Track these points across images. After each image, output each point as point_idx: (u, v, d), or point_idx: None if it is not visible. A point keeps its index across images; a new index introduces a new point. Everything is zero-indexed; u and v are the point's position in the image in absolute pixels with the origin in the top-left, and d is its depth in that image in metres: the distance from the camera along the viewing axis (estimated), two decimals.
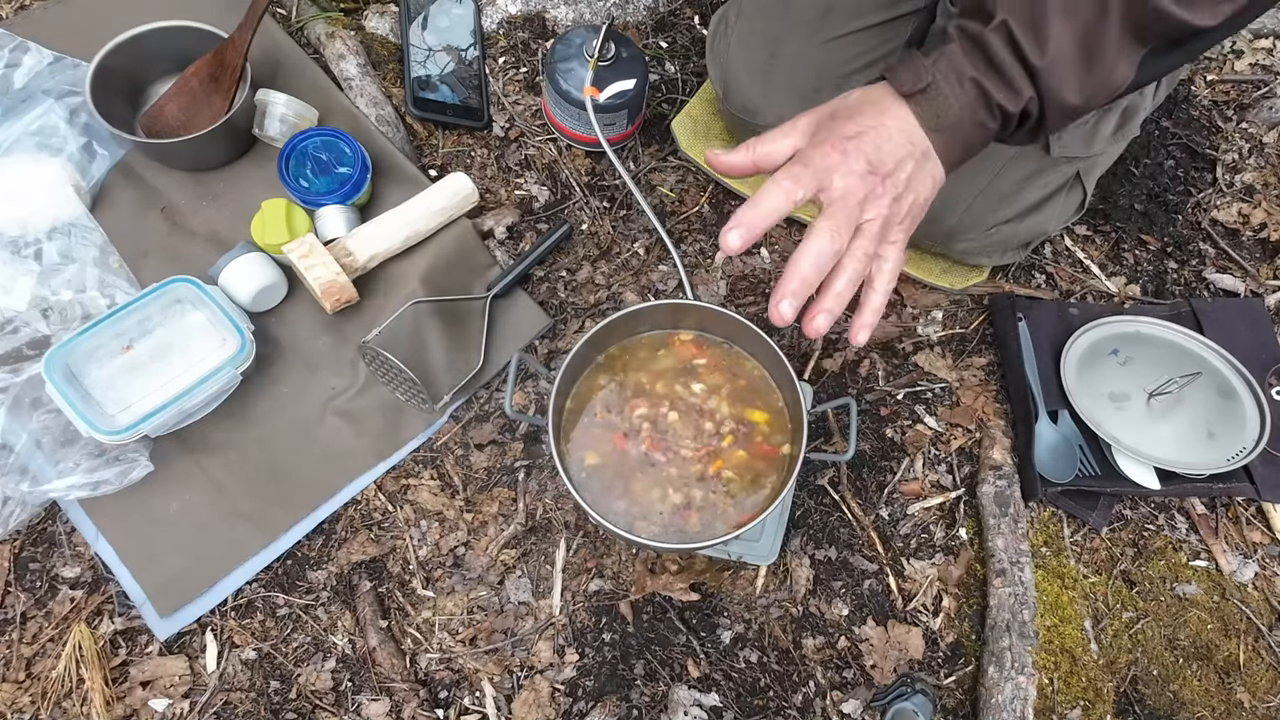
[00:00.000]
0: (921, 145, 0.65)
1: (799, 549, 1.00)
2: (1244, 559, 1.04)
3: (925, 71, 0.64)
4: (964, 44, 0.64)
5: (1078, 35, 0.62)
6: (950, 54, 0.64)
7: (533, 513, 0.99)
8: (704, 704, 0.92)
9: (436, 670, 0.93)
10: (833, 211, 0.63)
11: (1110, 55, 0.63)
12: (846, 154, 0.63)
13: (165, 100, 1.06)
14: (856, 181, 0.63)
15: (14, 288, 0.94)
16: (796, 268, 0.62)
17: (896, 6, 0.97)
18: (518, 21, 1.24)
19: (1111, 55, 0.63)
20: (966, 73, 0.64)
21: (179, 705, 0.89)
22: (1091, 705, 0.96)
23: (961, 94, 0.64)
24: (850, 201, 0.63)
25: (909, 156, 0.65)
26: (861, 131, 0.64)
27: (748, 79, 1.03)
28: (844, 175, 0.63)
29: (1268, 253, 1.22)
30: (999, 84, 0.64)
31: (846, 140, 0.63)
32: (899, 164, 0.64)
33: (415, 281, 1.02)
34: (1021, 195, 0.99)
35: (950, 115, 0.64)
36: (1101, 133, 0.95)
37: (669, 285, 1.11)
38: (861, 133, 0.64)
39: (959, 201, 0.99)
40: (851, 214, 0.63)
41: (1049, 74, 0.63)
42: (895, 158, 0.64)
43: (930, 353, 1.11)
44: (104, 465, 0.90)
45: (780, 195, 0.62)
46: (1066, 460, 1.02)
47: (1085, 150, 0.96)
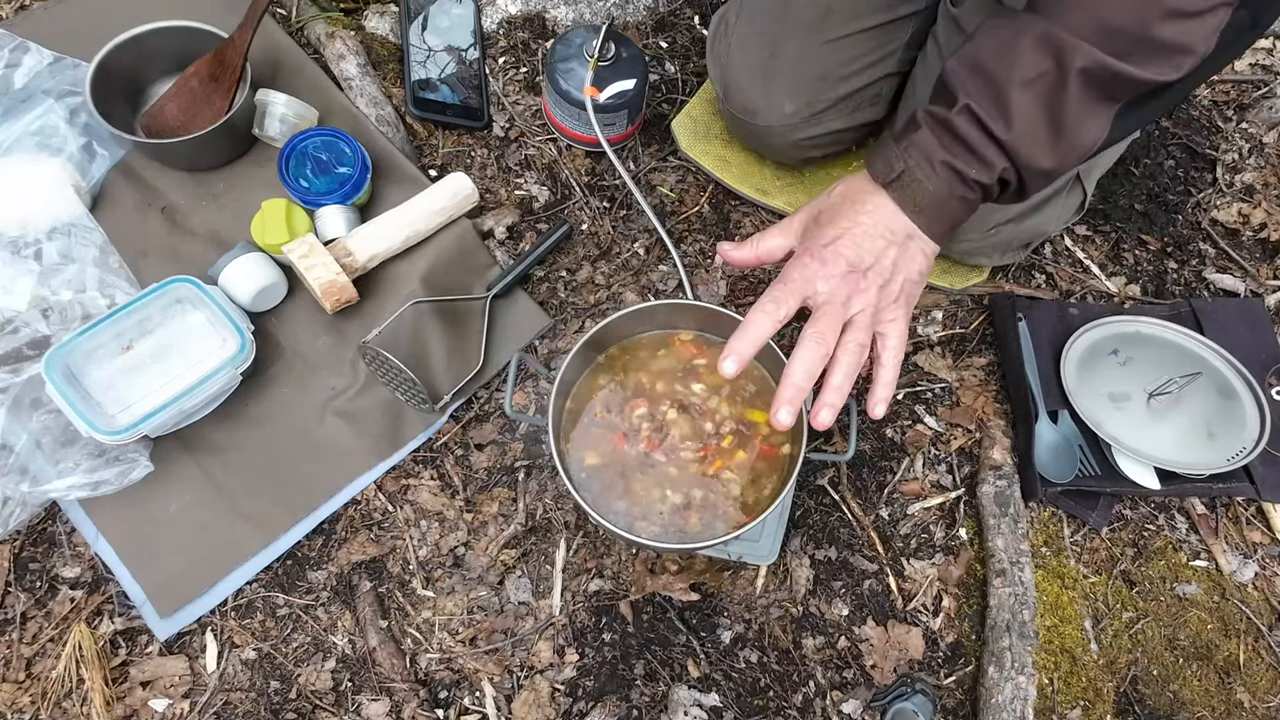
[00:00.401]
0: (902, 231, 0.70)
1: (799, 549, 1.00)
2: (1244, 559, 1.04)
3: (897, 159, 0.68)
4: (932, 129, 0.68)
5: (1041, 105, 0.65)
6: (920, 140, 0.68)
7: (533, 513, 0.99)
8: (704, 704, 0.92)
9: (436, 670, 0.93)
10: (817, 317, 0.68)
11: (1075, 119, 0.66)
12: (825, 261, 0.68)
13: (165, 100, 1.06)
14: (839, 283, 0.68)
15: (14, 288, 0.94)
16: (790, 378, 0.66)
17: (896, 8, 0.98)
18: (518, 21, 1.24)
19: (1077, 119, 0.66)
20: (937, 156, 0.67)
21: (179, 705, 0.89)
22: (1091, 705, 0.96)
23: (935, 176, 0.68)
24: (835, 304, 0.68)
25: (889, 245, 0.69)
26: (838, 236, 0.69)
27: (748, 79, 1.03)
28: (825, 280, 0.68)
29: (1268, 253, 1.22)
30: (970, 161, 0.67)
31: (824, 248, 0.69)
32: (879, 256, 0.69)
33: (415, 281, 1.02)
34: None
35: (926, 197, 0.68)
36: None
37: (669, 285, 1.11)
38: (838, 237, 0.69)
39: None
40: (837, 314, 0.68)
41: (1018, 144, 0.66)
42: (875, 252, 0.69)
43: (930, 353, 1.11)
44: (104, 465, 0.90)
45: (765, 320, 0.68)
46: (1066, 460, 1.02)
47: None
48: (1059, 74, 0.64)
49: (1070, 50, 0.63)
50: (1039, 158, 0.67)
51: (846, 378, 0.68)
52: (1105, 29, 0.63)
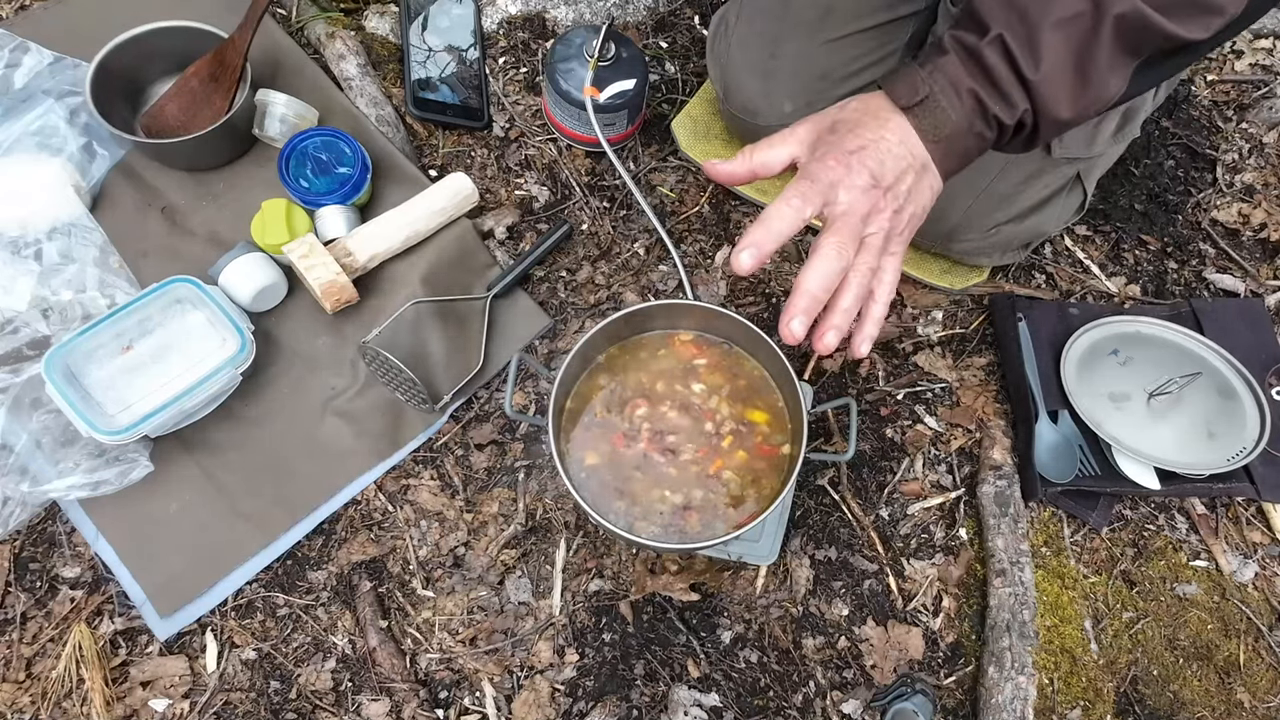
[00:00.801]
0: (921, 157, 0.66)
1: (799, 549, 1.00)
2: (1244, 559, 1.04)
3: (922, 83, 0.64)
4: (960, 55, 0.64)
5: (1071, 49, 0.63)
6: (946, 65, 0.64)
7: (533, 513, 0.99)
8: (704, 704, 0.92)
9: (436, 670, 0.93)
10: (838, 227, 0.63)
11: (1103, 68, 0.64)
12: (850, 168, 0.63)
13: (165, 100, 1.06)
14: (860, 196, 0.63)
15: (14, 288, 0.94)
16: (805, 286, 0.62)
17: (896, 8, 0.98)
18: (518, 21, 1.24)
19: (1104, 68, 0.64)
20: (964, 84, 0.64)
21: (179, 705, 0.89)
22: (1091, 705, 0.96)
23: (959, 105, 0.64)
24: (854, 217, 0.63)
25: (909, 169, 0.65)
26: (864, 146, 0.64)
27: (748, 79, 1.03)
28: (848, 190, 0.63)
29: (1268, 253, 1.22)
30: (995, 96, 0.64)
31: (849, 154, 0.63)
32: (900, 177, 0.65)
33: (415, 281, 1.02)
34: (1022, 196, 0.99)
35: (949, 126, 0.65)
36: (1102, 134, 0.95)
37: (669, 285, 1.11)
38: (864, 147, 0.64)
39: (959, 202, 0.99)
40: (855, 229, 0.63)
41: (1043, 87, 0.63)
42: (896, 171, 0.64)
43: (930, 353, 1.11)
44: (104, 465, 0.90)
45: (790, 213, 0.63)
46: (1066, 460, 1.02)
47: (1086, 151, 0.96)
48: (1095, 17, 0.61)
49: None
50: (1060, 105, 0.65)
51: (855, 300, 0.64)
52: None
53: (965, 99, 0.64)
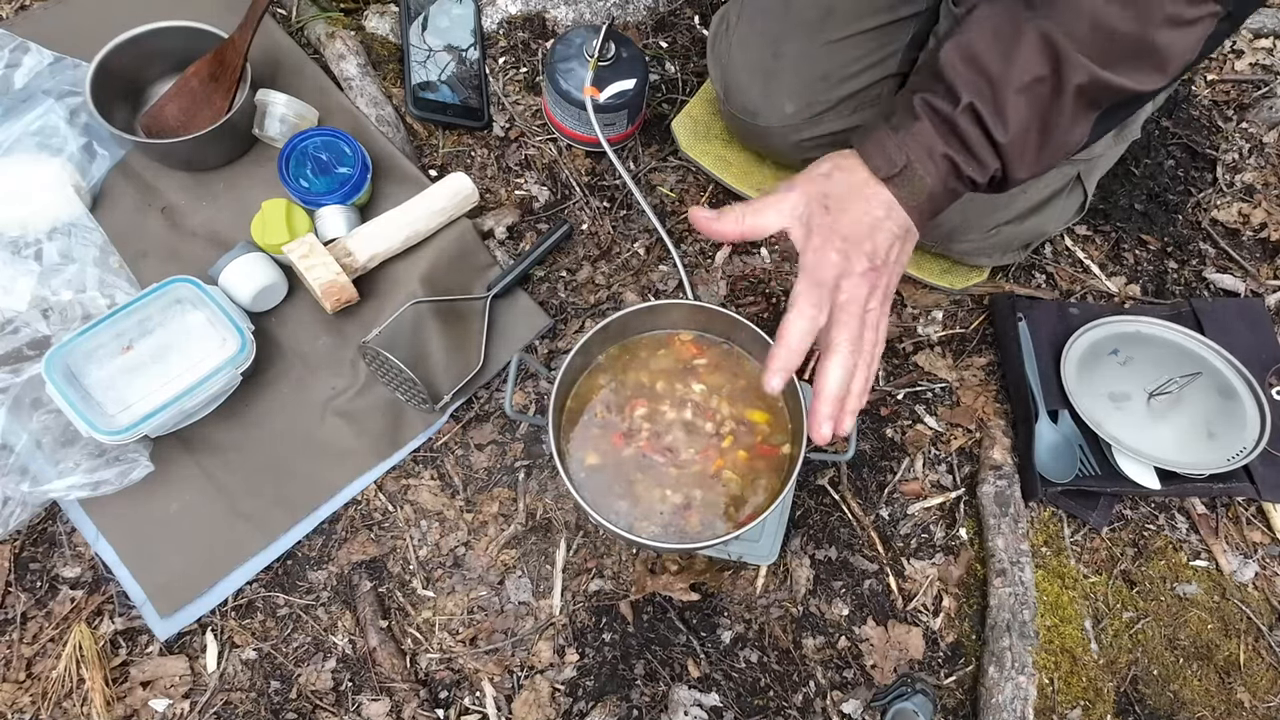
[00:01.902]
0: (904, 224, 0.68)
1: (799, 549, 1.00)
2: (1244, 559, 1.04)
3: (898, 152, 0.67)
4: (934, 122, 0.66)
5: (1035, 112, 0.65)
6: (921, 133, 0.66)
7: (533, 513, 0.99)
8: (704, 704, 0.92)
9: (437, 670, 0.93)
10: (844, 320, 0.66)
11: (1065, 124, 0.67)
12: (849, 258, 0.65)
13: (165, 100, 1.06)
14: (859, 282, 0.66)
15: (14, 288, 0.94)
16: (829, 392, 0.66)
17: (897, 9, 0.97)
18: (518, 21, 1.24)
19: (1066, 124, 0.67)
20: (938, 150, 0.66)
21: (179, 705, 0.89)
22: (1092, 705, 0.96)
23: (935, 171, 0.67)
24: (858, 304, 0.66)
25: (897, 239, 0.68)
26: (859, 230, 0.66)
27: (748, 79, 1.03)
28: (849, 279, 0.66)
29: (1268, 252, 1.22)
30: (968, 160, 0.67)
31: (845, 242, 0.66)
32: (889, 250, 0.67)
33: (415, 281, 1.02)
34: (1022, 196, 0.99)
35: (925, 191, 0.68)
36: (1112, 135, 0.95)
37: (669, 285, 1.11)
38: (859, 231, 0.66)
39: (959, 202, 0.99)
40: (860, 315, 0.66)
41: (1012, 148, 0.66)
42: (886, 246, 0.67)
43: (930, 352, 1.11)
44: (104, 465, 0.90)
45: (807, 325, 0.65)
46: (1067, 460, 1.02)
47: (1086, 153, 0.96)
48: (1055, 83, 0.64)
49: (1069, 62, 0.63)
50: (1026, 162, 0.68)
51: (865, 382, 0.68)
52: (1102, 32, 0.63)
53: (940, 164, 0.67)
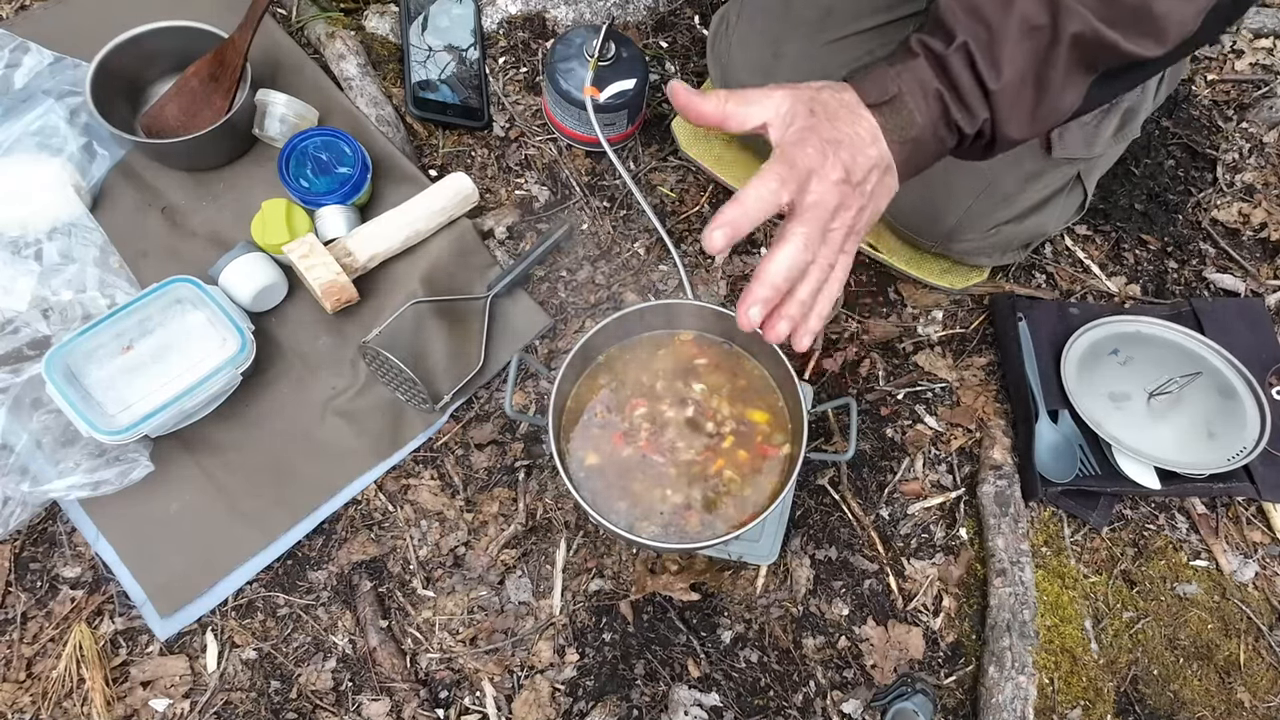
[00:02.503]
0: (886, 158, 0.66)
1: (799, 549, 1.00)
2: (1244, 559, 1.04)
3: (891, 82, 0.64)
4: (927, 59, 0.65)
5: (1030, 62, 0.63)
6: (915, 68, 0.65)
7: (533, 513, 0.99)
8: (704, 704, 0.92)
9: (437, 670, 0.93)
10: (807, 219, 0.62)
11: (1058, 82, 0.65)
12: (826, 158, 0.62)
13: (165, 100, 1.06)
14: (831, 189, 0.63)
15: (14, 288, 0.94)
16: (769, 276, 0.62)
17: (895, 9, 0.97)
18: (518, 21, 1.24)
19: (1059, 82, 0.65)
20: (930, 86, 0.64)
21: (179, 705, 0.89)
22: (1092, 705, 0.96)
23: (926, 107, 0.65)
24: (823, 209, 0.63)
25: (876, 168, 0.65)
26: (840, 138, 0.63)
27: (749, 79, 1.03)
28: (821, 180, 0.62)
29: (1268, 252, 1.22)
30: (957, 103, 0.65)
31: (826, 144, 0.63)
32: (867, 174, 0.64)
33: (415, 281, 1.02)
34: (1022, 196, 0.99)
35: (914, 128, 0.65)
36: (1102, 134, 0.95)
37: (669, 285, 1.11)
38: (840, 140, 0.63)
39: (959, 201, 0.99)
40: (823, 222, 0.63)
41: (1003, 98, 0.64)
42: (866, 168, 0.64)
43: (930, 352, 1.11)
44: (104, 465, 0.90)
45: (767, 195, 0.61)
46: (1067, 460, 1.02)
47: (1086, 151, 0.96)
48: (1053, 33, 0.62)
49: (1067, 10, 0.61)
50: (1017, 118, 0.66)
51: (812, 294, 0.65)
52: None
53: (931, 103, 0.65)
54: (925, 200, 1.01)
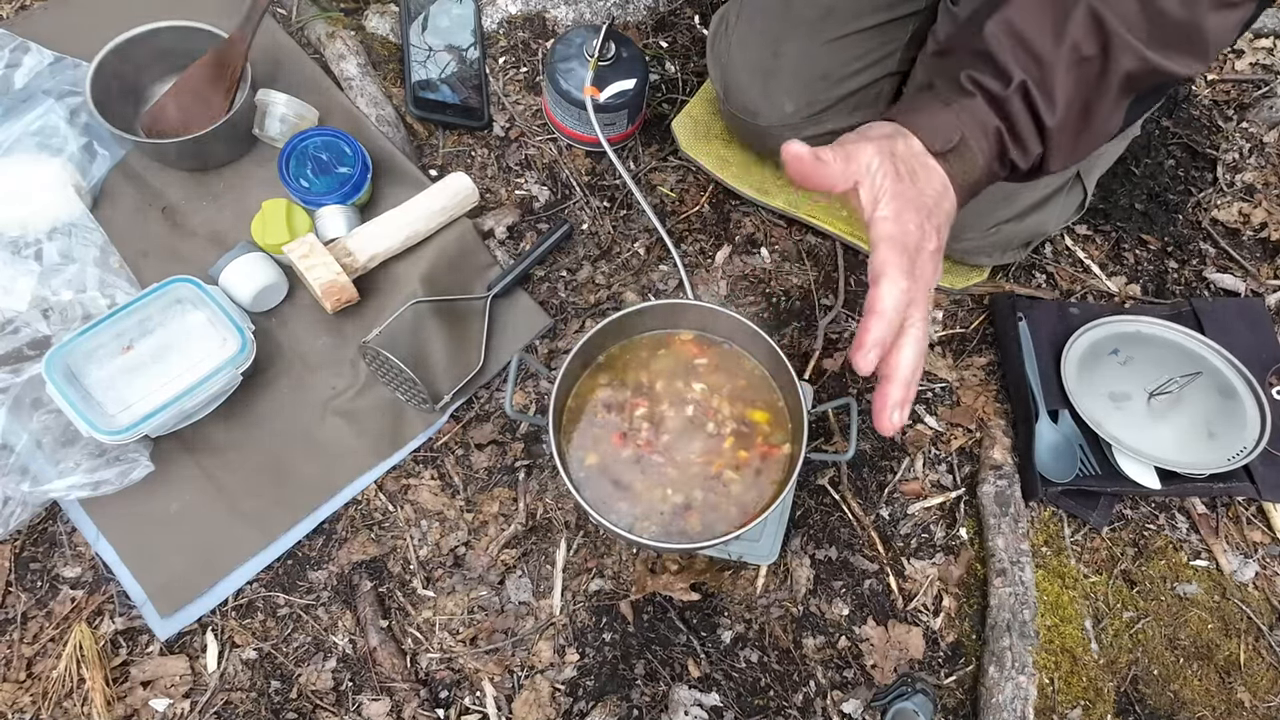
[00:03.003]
0: (954, 205, 0.63)
1: (799, 549, 1.00)
2: (1244, 559, 1.04)
3: (953, 128, 0.62)
4: (985, 99, 0.63)
5: (1079, 92, 0.62)
6: (973, 108, 0.62)
7: (533, 513, 0.99)
8: (704, 704, 0.92)
9: (437, 670, 0.93)
10: (920, 299, 0.60)
11: (1106, 110, 0.64)
12: (924, 231, 0.60)
13: (165, 100, 1.06)
14: (929, 260, 0.60)
15: (14, 288, 0.94)
16: (903, 373, 0.58)
17: (896, 8, 0.97)
18: (518, 21, 1.24)
19: (1108, 110, 0.64)
20: (991, 125, 0.63)
21: (180, 705, 0.89)
22: (1092, 705, 0.96)
23: (987, 148, 0.63)
24: (928, 284, 0.61)
25: (947, 220, 0.63)
26: (929, 205, 0.61)
27: (748, 79, 1.03)
28: (923, 254, 0.60)
29: (1268, 252, 1.22)
30: (1015, 142, 0.63)
31: (919, 214, 0.60)
32: (943, 231, 0.62)
33: (416, 281, 1.02)
34: (1022, 195, 0.99)
35: (976, 171, 0.63)
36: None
37: (669, 285, 1.11)
38: (929, 206, 0.61)
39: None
40: (928, 296, 0.61)
41: (1058, 133, 0.63)
42: (945, 226, 0.62)
43: (931, 352, 1.11)
44: (104, 465, 0.90)
45: (901, 295, 0.58)
46: (1067, 460, 1.02)
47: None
48: (1104, 65, 0.61)
49: (1119, 42, 0.60)
50: (1063, 149, 0.64)
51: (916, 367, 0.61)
52: (1152, 12, 0.60)
53: (991, 143, 0.63)
54: None
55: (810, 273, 1.14)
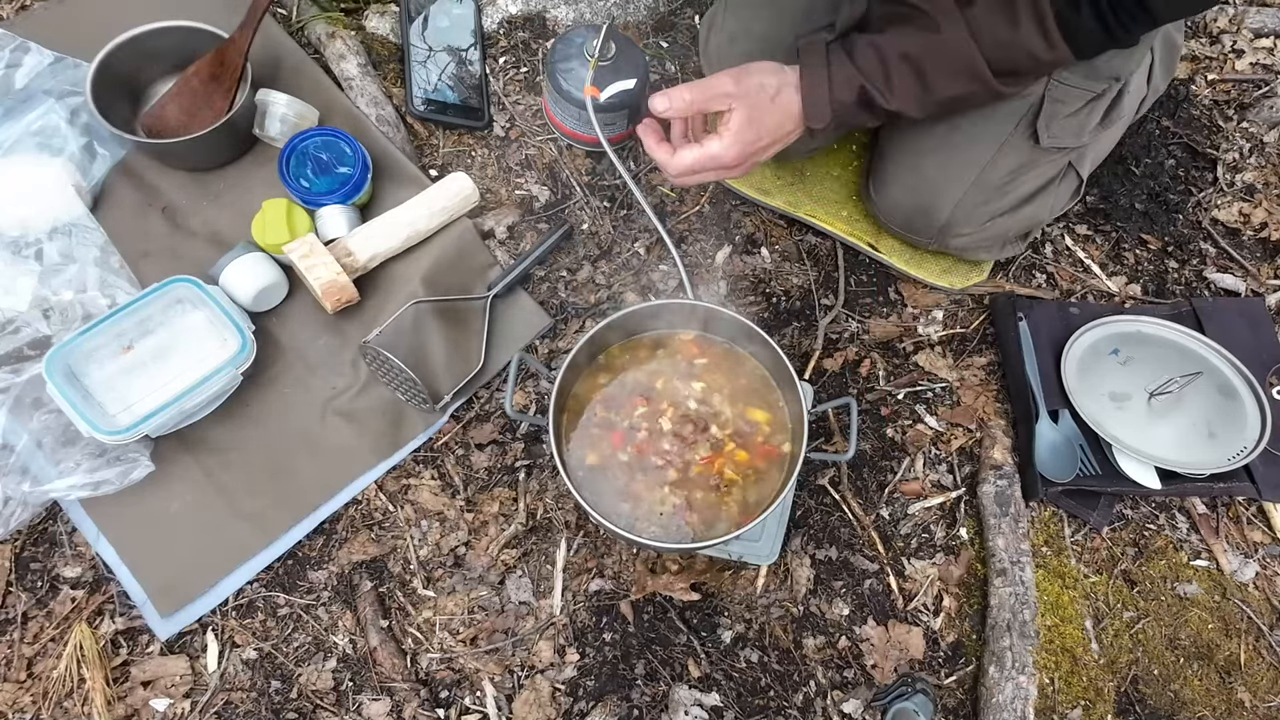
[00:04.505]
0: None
1: (799, 549, 1.00)
2: (1244, 559, 1.04)
3: (828, 110, 0.84)
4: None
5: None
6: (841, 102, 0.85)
7: (533, 513, 0.99)
8: (705, 704, 0.92)
9: (437, 670, 0.93)
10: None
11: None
12: (744, 162, 0.86)
13: (166, 100, 1.06)
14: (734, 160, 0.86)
15: (15, 288, 0.94)
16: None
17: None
18: (518, 21, 1.24)
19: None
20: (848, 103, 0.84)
21: (180, 705, 0.89)
22: (1092, 705, 0.96)
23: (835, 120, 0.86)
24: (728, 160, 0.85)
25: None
26: (766, 148, 0.86)
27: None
28: (731, 163, 0.85)
29: (1268, 252, 1.22)
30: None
31: (753, 153, 0.86)
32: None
33: (416, 281, 1.02)
34: (1014, 187, 0.99)
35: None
36: (1090, 122, 0.95)
37: (669, 285, 1.11)
38: (766, 148, 0.86)
39: (950, 194, 0.99)
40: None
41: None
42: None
43: (931, 352, 1.11)
44: (105, 465, 0.90)
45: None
46: (1067, 460, 1.02)
47: (1075, 140, 0.97)
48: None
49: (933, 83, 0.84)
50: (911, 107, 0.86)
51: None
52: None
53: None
54: (916, 196, 1.01)
55: (810, 273, 1.14)
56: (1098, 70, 0.91)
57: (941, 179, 0.98)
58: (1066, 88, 0.91)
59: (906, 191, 1.02)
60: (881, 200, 1.05)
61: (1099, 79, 0.92)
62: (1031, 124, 0.94)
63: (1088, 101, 0.93)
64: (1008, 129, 0.94)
